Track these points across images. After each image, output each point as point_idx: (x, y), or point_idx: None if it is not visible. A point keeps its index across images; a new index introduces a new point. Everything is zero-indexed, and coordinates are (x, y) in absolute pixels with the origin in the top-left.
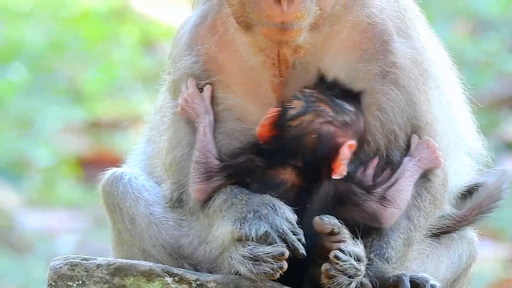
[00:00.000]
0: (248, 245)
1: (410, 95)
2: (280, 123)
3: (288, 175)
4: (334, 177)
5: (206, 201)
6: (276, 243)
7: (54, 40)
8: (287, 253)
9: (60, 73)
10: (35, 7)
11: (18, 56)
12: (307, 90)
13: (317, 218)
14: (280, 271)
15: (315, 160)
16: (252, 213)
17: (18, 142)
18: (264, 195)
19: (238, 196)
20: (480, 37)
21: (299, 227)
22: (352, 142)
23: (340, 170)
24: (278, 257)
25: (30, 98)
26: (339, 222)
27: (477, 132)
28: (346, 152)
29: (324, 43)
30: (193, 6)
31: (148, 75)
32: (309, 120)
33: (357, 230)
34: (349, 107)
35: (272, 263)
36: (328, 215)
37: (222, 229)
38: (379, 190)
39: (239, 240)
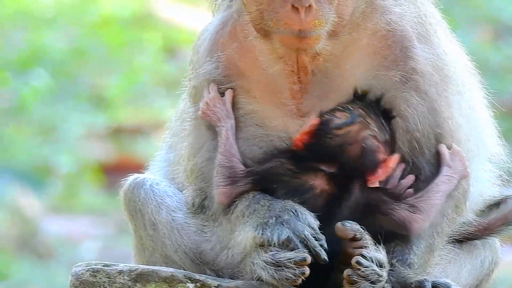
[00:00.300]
0: (270, 251)
1: (432, 101)
2: (323, 131)
3: (318, 181)
4: (370, 185)
5: (228, 206)
6: (298, 248)
7: (76, 46)
8: (309, 259)
9: (83, 79)
10: (58, 13)
11: (41, 62)
12: (349, 104)
13: (339, 224)
14: (302, 277)
15: (353, 169)
16: (274, 218)
17: (41, 148)
18: (286, 201)
19: (261, 202)
20: (502, 43)
21: (323, 233)
22: (396, 157)
23: (379, 180)
24: (300, 263)
25: (53, 104)
26: (361, 228)
27: (499, 137)
28: (392, 165)
29: (344, 50)
30: (213, 13)
31: (170, 81)
32: (356, 130)
33: (379, 236)
34: (387, 126)
35: (294, 269)
36: (350, 221)
37: (244, 234)
38: (410, 199)
39: (261, 245)
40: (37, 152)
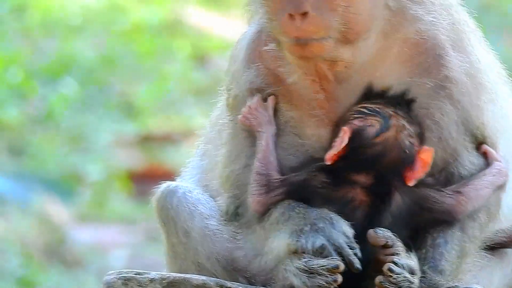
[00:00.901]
0: (304, 258)
1: (465, 110)
2: (359, 143)
3: (356, 193)
4: (411, 184)
5: (263, 214)
6: (332, 256)
7: (105, 54)
8: (342, 266)
9: (112, 87)
10: (86, 21)
11: (70, 70)
12: (374, 105)
13: (371, 231)
14: (334, 284)
15: (393, 173)
16: (309, 226)
17: (69, 157)
18: (321, 209)
19: (296, 210)
20: None
21: (359, 242)
22: (431, 148)
23: (419, 176)
24: (333, 270)
25: (82, 113)
26: (393, 235)
27: None
28: (430, 159)
29: (373, 58)
30: (248, 21)
31: (199, 88)
32: (394, 134)
33: (410, 243)
34: (414, 117)
35: (326, 276)
36: (382, 228)
37: (278, 241)
38: (455, 186)
39: (295, 252)
40: (66, 160)
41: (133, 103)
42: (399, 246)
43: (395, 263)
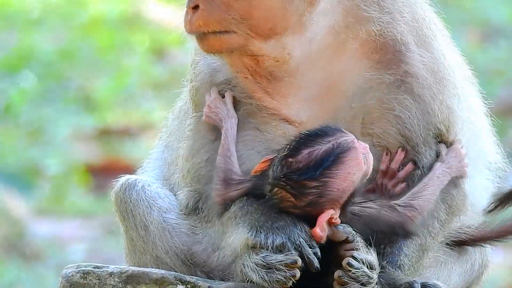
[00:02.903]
0: (262, 253)
1: (426, 104)
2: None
3: None
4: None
5: (223, 208)
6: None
7: (64, 47)
8: (299, 261)
9: (71, 81)
10: (45, 14)
11: (28, 64)
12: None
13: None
14: (293, 279)
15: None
16: (270, 222)
17: (28, 150)
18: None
19: (255, 205)
20: (489, 45)
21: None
22: (330, 213)
23: (318, 233)
24: (291, 265)
25: (41, 106)
26: (354, 230)
27: (498, 146)
28: (323, 220)
29: (326, 54)
30: None
31: (159, 82)
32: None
33: (370, 238)
34: (312, 183)
35: (285, 271)
36: (342, 224)
37: (237, 236)
38: (405, 198)
39: (253, 247)
40: (25, 154)
41: (92, 97)
42: (359, 241)
43: (355, 258)
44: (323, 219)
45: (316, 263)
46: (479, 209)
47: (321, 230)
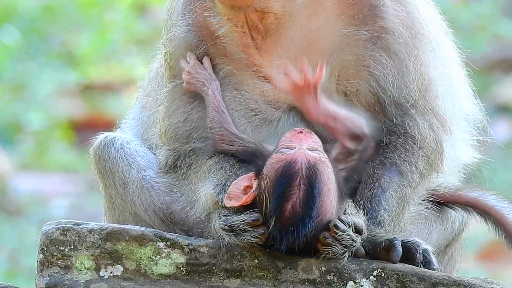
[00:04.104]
0: (224, 215)
1: (401, 61)
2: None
3: None
4: None
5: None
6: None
7: (47, 3)
8: (261, 218)
9: (54, 37)
10: None
11: (11, 19)
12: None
13: None
14: (262, 238)
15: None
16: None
17: (11, 106)
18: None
19: (230, 162)
20: (473, 1)
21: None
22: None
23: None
24: (254, 223)
25: (23, 62)
26: (344, 193)
27: (474, 96)
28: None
29: (307, 11)
30: None
31: (141, 38)
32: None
33: (359, 197)
34: None
35: (252, 231)
36: None
37: (204, 191)
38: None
39: (216, 204)
40: (7, 109)
41: (75, 53)
42: (350, 205)
43: (341, 220)
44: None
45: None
46: (459, 162)
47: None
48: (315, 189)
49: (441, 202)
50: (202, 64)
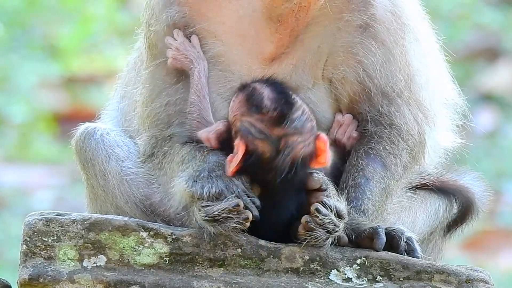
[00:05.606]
0: (202, 206)
1: (389, 50)
2: (254, 166)
3: None
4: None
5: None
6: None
7: None
8: (242, 203)
9: (36, 29)
10: None
11: None
12: (258, 125)
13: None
14: (246, 223)
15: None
16: (206, 172)
17: None
18: (223, 156)
19: (200, 151)
20: None
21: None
22: (324, 136)
23: (323, 163)
24: (234, 209)
25: (6, 54)
26: (328, 179)
27: (452, 81)
28: (326, 146)
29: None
30: None
31: (123, 30)
32: (287, 158)
33: (344, 184)
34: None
35: (236, 217)
36: (317, 172)
37: (177, 186)
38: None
39: (192, 197)
40: None
41: (57, 45)
42: (332, 189)
43: (324, 204)
44: (324, 144)
45: (255, 211)
46: (439, 147)
47: (322, 155)
48: (278, 83)
49: (425, 188)
50: (191, 42)
